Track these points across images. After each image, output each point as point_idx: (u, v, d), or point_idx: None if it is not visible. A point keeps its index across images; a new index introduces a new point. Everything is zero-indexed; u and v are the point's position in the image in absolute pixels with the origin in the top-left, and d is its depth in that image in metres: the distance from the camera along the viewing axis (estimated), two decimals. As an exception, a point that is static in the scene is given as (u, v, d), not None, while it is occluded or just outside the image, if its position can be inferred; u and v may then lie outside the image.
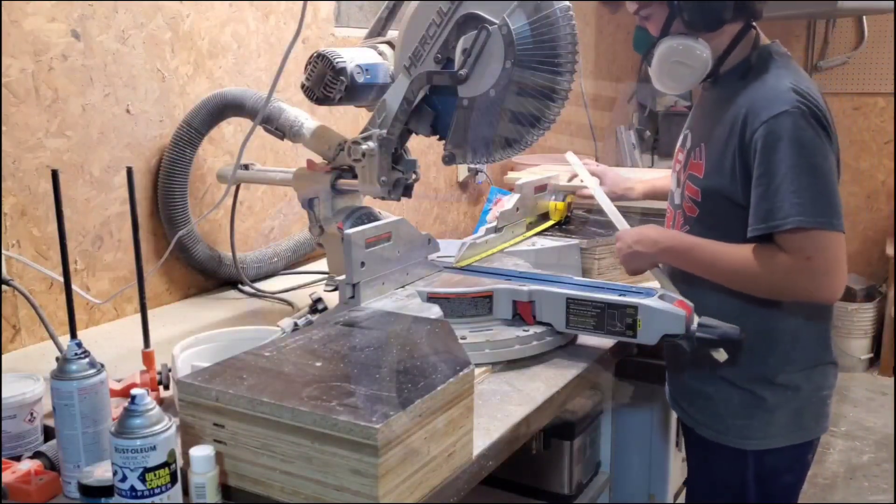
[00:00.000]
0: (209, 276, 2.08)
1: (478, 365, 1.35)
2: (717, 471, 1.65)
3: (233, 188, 1.97)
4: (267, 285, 2.10)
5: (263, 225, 2.27)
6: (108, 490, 0.97)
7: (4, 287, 1.56)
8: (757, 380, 1.54)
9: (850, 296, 4.28)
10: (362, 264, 1.46)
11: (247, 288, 2.06)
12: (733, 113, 1.48)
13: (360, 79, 1.63)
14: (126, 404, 0.96)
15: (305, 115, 1.82)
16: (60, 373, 1.06)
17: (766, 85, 1.46)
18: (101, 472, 1.00)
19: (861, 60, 4.49)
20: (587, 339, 1.56)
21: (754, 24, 1.52)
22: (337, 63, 1.60)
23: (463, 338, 1.42)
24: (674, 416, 2.07)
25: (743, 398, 1.55)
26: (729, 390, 1.57)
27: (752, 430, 1.56)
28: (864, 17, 4.39)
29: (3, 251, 1.59)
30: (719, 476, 1.64)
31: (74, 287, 1.41)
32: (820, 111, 1.42)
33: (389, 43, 1.73)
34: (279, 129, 1.81)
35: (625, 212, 2.25)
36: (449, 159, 1.59)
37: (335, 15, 2.44)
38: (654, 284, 1.60)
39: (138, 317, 1.35)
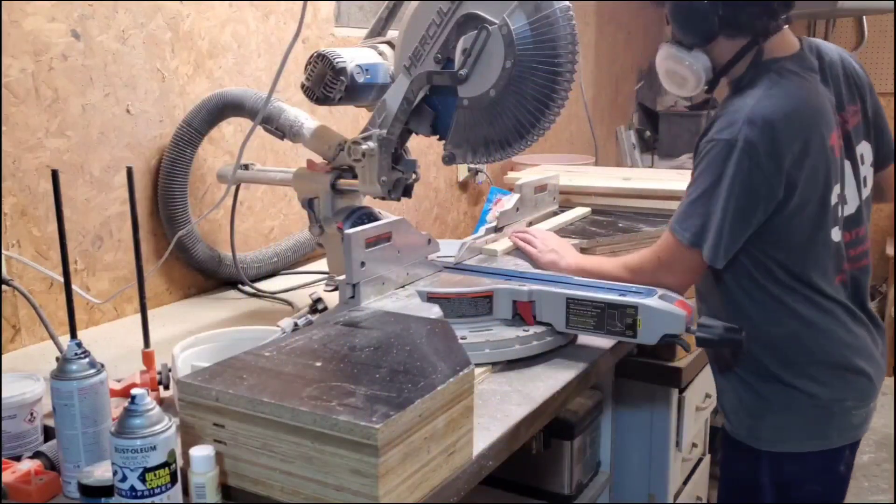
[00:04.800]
0: (209, 276, 2.08)
1: (478, 365, 1.35)
2: (736, 467, 1.67)
3: (233, 188, 1.97)
4: (267, 285, 2.10)
5: (263, 225, 2.27)
6: (108, 490, 0.97)
7: (4, 287, 1.56)
8: (763, 380, 1.55)
9: (850, 296, 4.28)
10: (362, 264, 1.46)
11: (247, 288, 2.06)
12: (710, 124, 1.52)
13: (360, 79, 1.63)
14: (126, 404, 0.96)
15: (305, 115, 1.82)
16: (60, 373, 1.06)
17: (733, 106, 1.48)
18: (101, 472, 1.00)
19: (861, 60, 4.47)
20: (587, 339, 1.56)
21: (760, 41, 1.50)
22: (337, 63, 1.60)
23: (463, 338, 1.42)
24: (674, 415, 2.08)
25: (752, 397, 1.57)
26: (741, 387, 1.59)
27: (762, 430, 1.56)
28: (864, 17, 4.39)
29: (3, 251, 1.59)
30: (737, 473, 1.67)
31: (74, 287, 1.41)
32: (767, 143, 1.41)
33: (389, 43, 1.73)
34: (279, 129, 1.81)
35: (620, 211, 2.25)
36: (449, 159, 1.59)
37: (335, 15, 2.44)
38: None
39: (138, 317, 1.35)
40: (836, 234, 1.56)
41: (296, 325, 1.40)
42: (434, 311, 1.43)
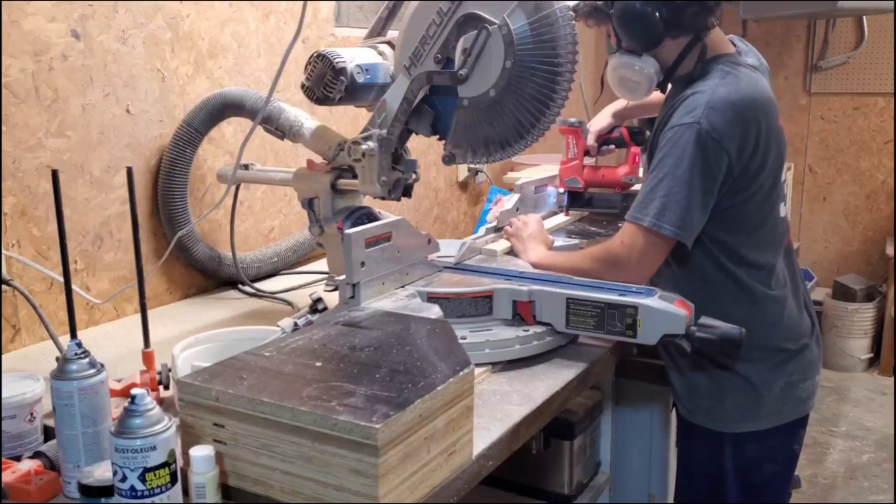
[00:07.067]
0: (209, 276, 2.08)
1: (478, 365, 1.35)
2: (694, 451, 1.74)
3: (233, 188, 1.97)
4: (267, 285, 2.10)
5: (263, 225, 2.27)
6: (108, 490, 0.97)
7: (4, 287, 1.56)
8: (712, 364, 1.62)
9: (850, 296, 4.28)
10: (362, 264, 1.46)
11: (247, 288, 2.06)
12: (666, 117, 1.58)
13: (360, 79, 1.63)
14: (126, 404, 0.96)
15: (305, 115, 1.82)
16: (60, 373, 1.06)
17: (691, 95, 1.55)
18: (101, 472, 1.00)
19: (861, 60, 4.48)
20: (587, 339, 1.56)
21: (703, 38, 1.59)
22: (337, 63, 1.60)
23: (463, 338, 1.42)
24: (674, 415, 2.08)
25: (708, 380, 1.64)
26: (694, 371, 1.65)
27: (716, 412, 1.64)
28: (864, 17, 4.39)
29: (3, 251, 1.59)
30: (696, 457, 1.73)
31: (74, 287, 1.41)
32: (725, 127, 1.48)
33: (389, 43, 1.73)
34: (279, 129, 1.81)
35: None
36: (449, 159, 1.59)
37: (335, 15, 2.44)
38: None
39: (138, 317, 1.35)
40: (782, 210, 1.66)
41: (296, 325, 1.40)
42: (434, 311, 1.43)
